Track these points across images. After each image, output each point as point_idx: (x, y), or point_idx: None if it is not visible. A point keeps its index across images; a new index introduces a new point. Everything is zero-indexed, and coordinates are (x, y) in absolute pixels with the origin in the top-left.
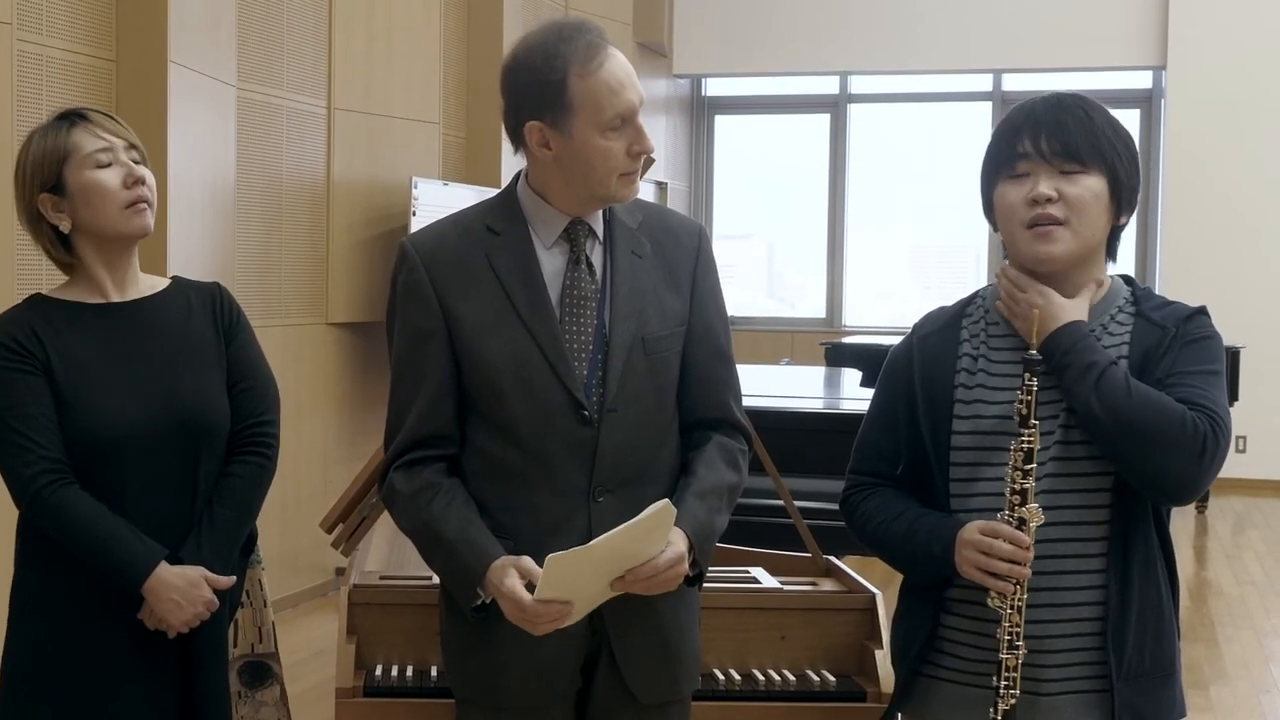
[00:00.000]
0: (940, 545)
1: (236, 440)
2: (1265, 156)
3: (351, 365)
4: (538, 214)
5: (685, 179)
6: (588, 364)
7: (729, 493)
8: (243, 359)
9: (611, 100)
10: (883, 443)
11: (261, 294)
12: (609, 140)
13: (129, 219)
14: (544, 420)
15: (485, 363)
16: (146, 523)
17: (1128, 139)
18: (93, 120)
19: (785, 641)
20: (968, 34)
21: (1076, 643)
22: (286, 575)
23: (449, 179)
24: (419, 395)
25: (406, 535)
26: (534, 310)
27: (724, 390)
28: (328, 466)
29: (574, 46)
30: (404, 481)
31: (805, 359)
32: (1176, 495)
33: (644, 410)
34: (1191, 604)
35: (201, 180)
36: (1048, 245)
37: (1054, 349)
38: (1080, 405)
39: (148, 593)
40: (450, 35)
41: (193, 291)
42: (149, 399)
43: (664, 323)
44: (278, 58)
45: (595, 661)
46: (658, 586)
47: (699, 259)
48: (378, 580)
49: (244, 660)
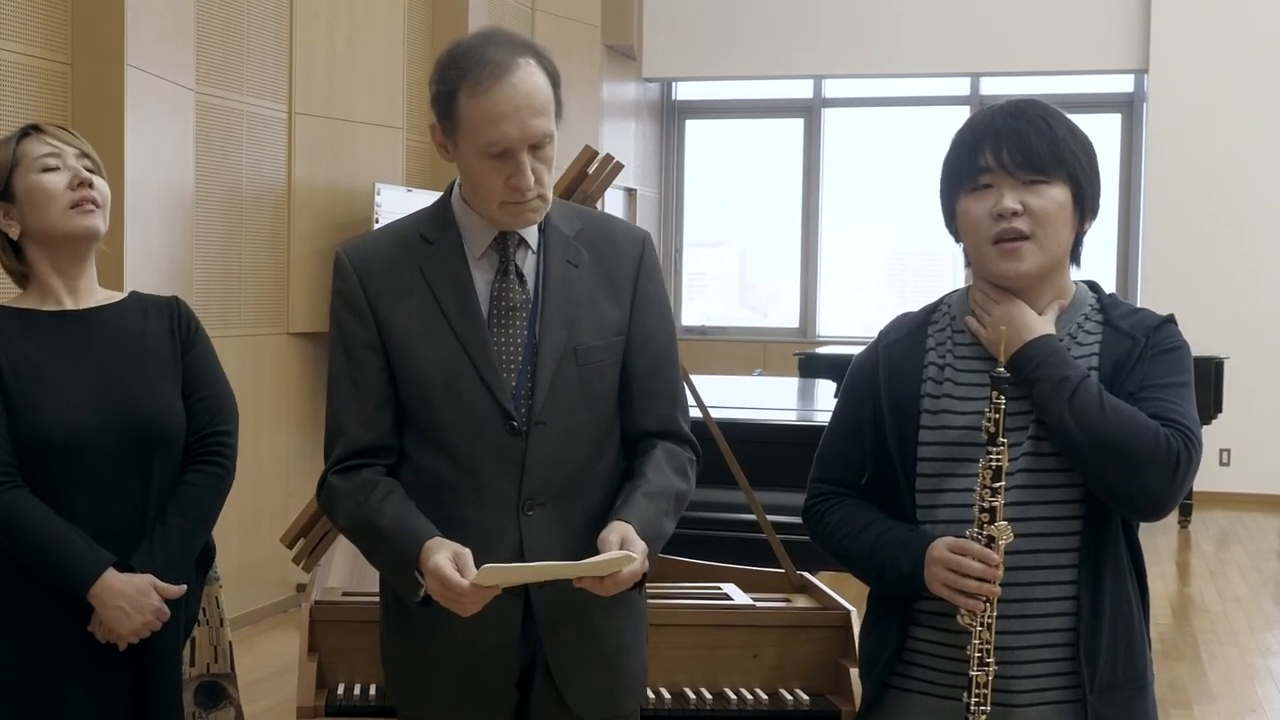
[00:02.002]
0: (910, 561)
1: (193, 450)
2: (1248, 161)
3: (313, 376)
4: (468, 223)
5: (655, 185)
6: (517, 374)
7: (676, 499)
8: (200, 369)
9: (486, 128)
10: (847, 452)
11: (221, 303)
12: (487, 165)
13: (74, 219)
14: (472, 430)
15: (417, 372)
16: (96, 530)
17: (1088, 145)
18: (45, 130)
19: (758, 660)
20: (945, 37)
21: (1048, 654)
22: (246, 591)
23: (413, 185)
24: (355, 406)
25: (348, 536)
26: (464, 320)
27: (667, 402)
28: (289, 480)
29: (478, 61)
30: (342, 481)
31: (778, 370)
32: (1147, 512)
33: (576, 422)
34: (1174, 621)
35: (159, 187)
36: (1015, 263)
37: (1026, 361)
38: (1053, 420)
39: (94, 599)
40: (414, 38)
41: (150, 304)
42: (100, 404)
43: (599, 333)
44: (237, 61)
45: (532, 673)
46: (614, 589)
47: (641, 267)
48: (340, 597)
49: (200, 680)
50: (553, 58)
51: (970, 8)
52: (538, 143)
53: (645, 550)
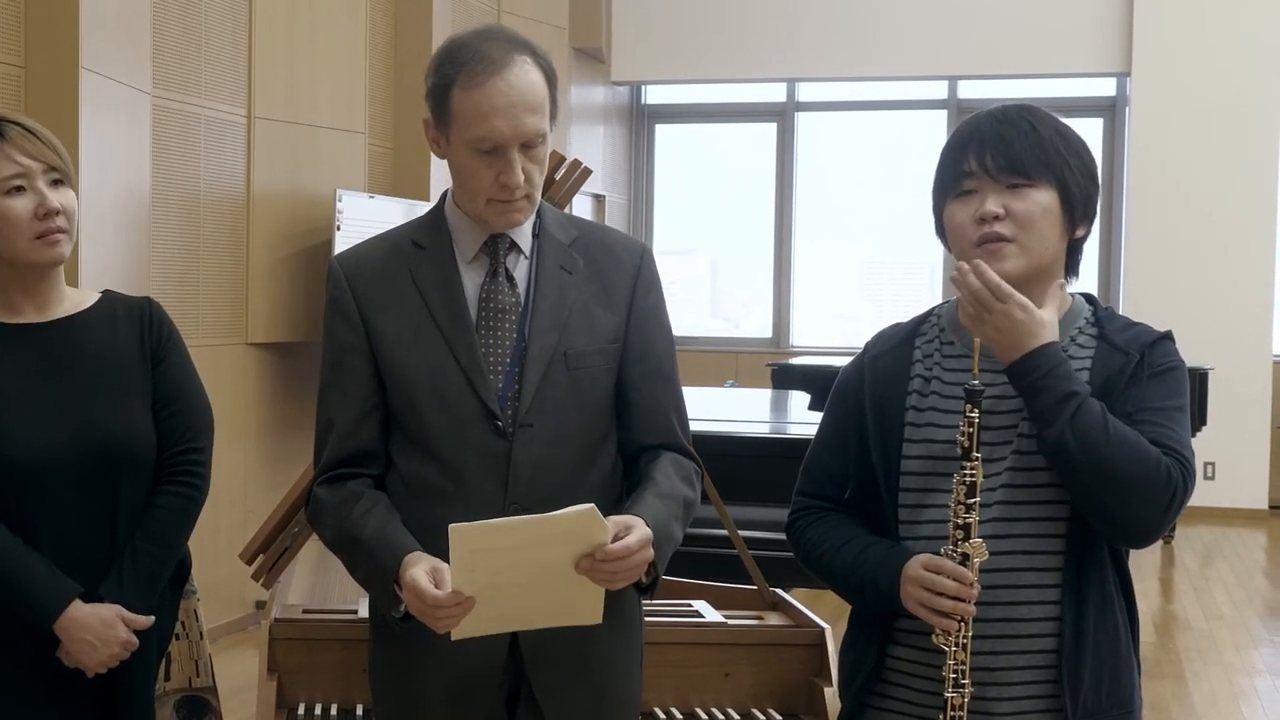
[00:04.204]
0: (887, 579)
1: (164, 468)
2: (1233, 166)
3: (273, 388)
4: (460, 228)
5: (624, 191)
6: (504, 376)
7: (685, 505)
8: (172, 381)
9: (477, 122)
10: (831, 465)
11: (179, 313)
12: (477, 161)
13: (39, 250)
14: (458, 432)
15: (404, 376)
16: (63, 557)
17: (1080, 149)
18: (10, 140)
19: (730, 679)
20: (922, 39)
21: (1031, 676)
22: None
23: (375, 191)
24: (342, 413)
25: (331, 548)
26: (452, 322)
27: (668, 414)
28: (248, 494)
29: (473, 55)
30: (328, 493)
31: (750, 381)
32: (1138, 541)
33: (565, 426)
34: (1158, 639)
35: (115, 193)
36: (996, 263)
37: (1030, 369)
38: (1052, 435)
39: (60, 632)
40: (377, 41)
41: (121, 309)
42: (66, 426)
43: (592, 339)
44: (195, 63)
45: (518, 695)
46: (626, 572)
47: (639, 278)
48: (301, 614)
49: (181, 695)
50: (551, 59)
51: (948, 10)
52: (529, 141)
53: (649, 537)
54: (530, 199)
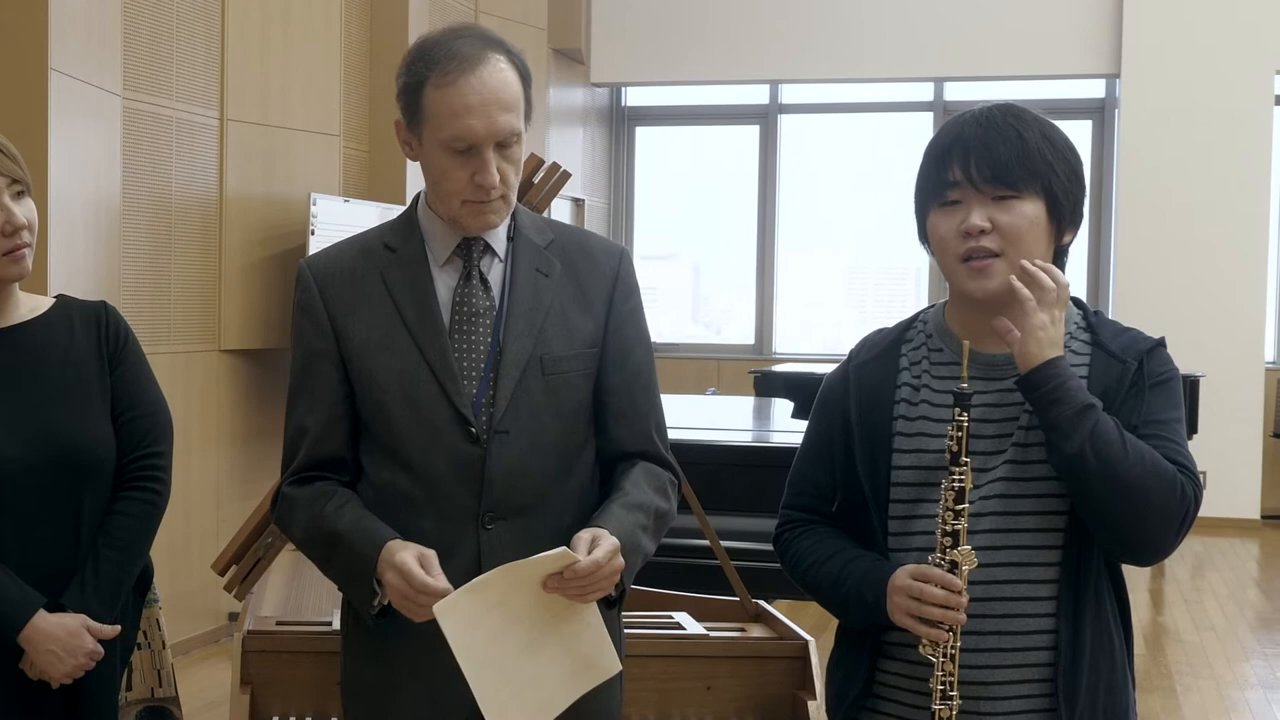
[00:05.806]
0: (873, 592)
1: (124, 474)
2: (1224, 169)
3: (245, 395)
4: (432, 230)
5: (604, 195)
6: (479, 382)
7: (656, 516)
8: (129, 386)
9: (451, 121)
10: (817, 477)
11: (149, 318)
12: (451, 161)
13: (5, 266)
14: (430, 439)
15: (374, 381)
16: (26, 566)
17: (1067, 151)
18: None
19: (712, 692)
20: (907, 39)
21: (1024, 689)
22: (176, 620)
23: (350, 195)
24: (311, 418)
25: (303, 548)
26: (423, 326)
27: (646, 422)
28: (220, 504)
29: (446, 53)
30: (298, 490)
31: (732, 388)
32: (1146, 558)
33: (541, 433)
34: (1148, 652)
35: (84, 196)
36: (984, 281)
37: (1045, 379)
38: (1071, 448)
39: (24, 644)
40: (352, 43)
41: (77, 313)
42: (24, 433)
43: (568, 343)
44: (166, 65)
45: None
46: (594, 587)
47: (618, 282)
48: (274, 626)
49: (143, 705)
50: (525, 58)
51: (934, 10)
52: (504, 140)
53: (617, 547)
54: (506, 200)
